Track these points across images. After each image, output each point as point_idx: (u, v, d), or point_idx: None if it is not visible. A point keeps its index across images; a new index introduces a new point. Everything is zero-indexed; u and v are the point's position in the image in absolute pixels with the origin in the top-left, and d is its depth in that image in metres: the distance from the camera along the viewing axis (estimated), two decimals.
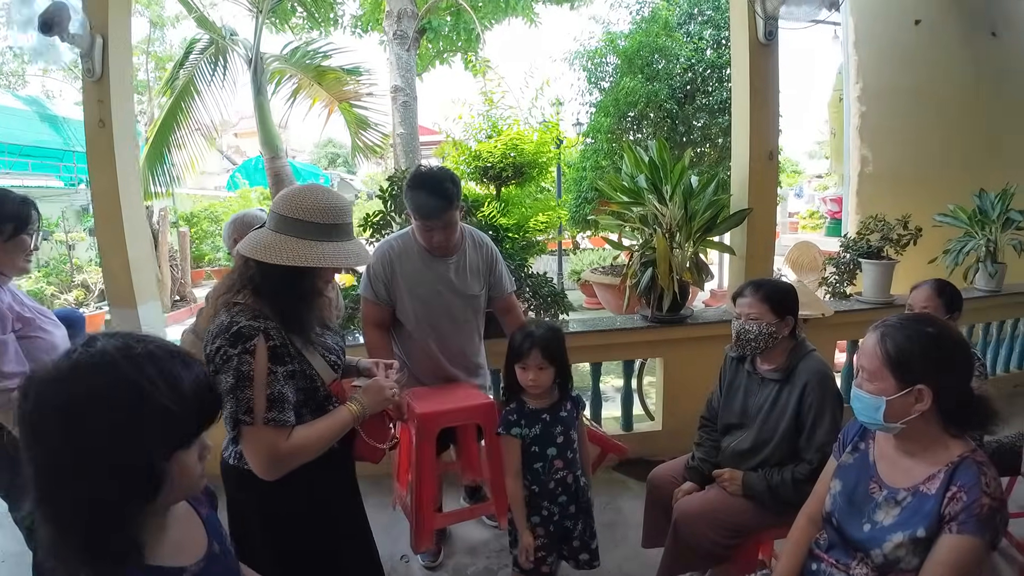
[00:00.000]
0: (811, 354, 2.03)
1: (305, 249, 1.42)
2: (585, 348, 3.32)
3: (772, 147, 3.31)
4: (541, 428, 1.97)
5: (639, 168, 3.24)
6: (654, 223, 3.30)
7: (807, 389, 1.94)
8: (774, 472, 1.99)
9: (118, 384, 0.78)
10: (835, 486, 1.51)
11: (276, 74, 6.47)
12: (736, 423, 2.16)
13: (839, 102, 6.73)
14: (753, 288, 2.06)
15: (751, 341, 2.02)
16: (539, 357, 1.90)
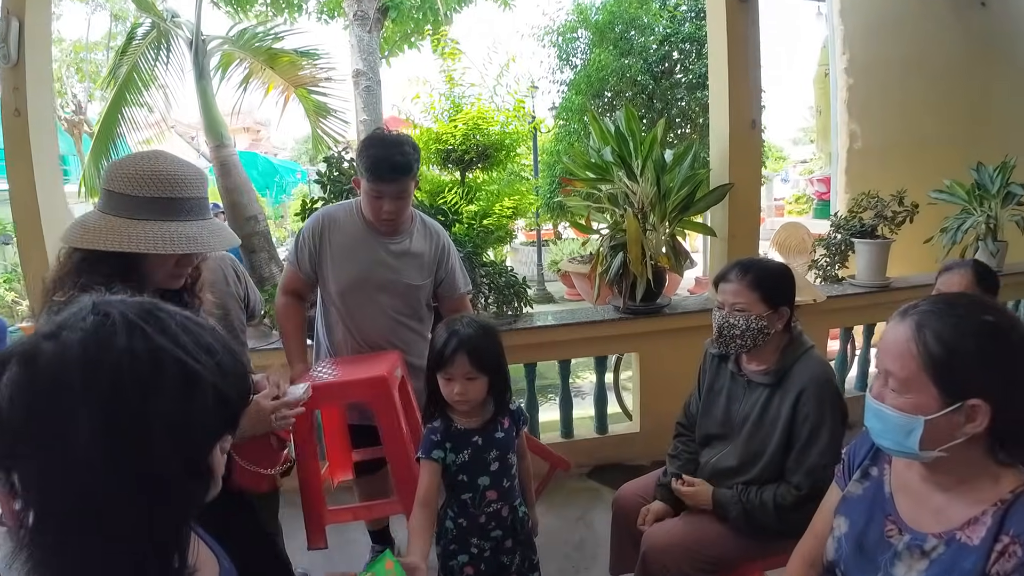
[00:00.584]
0: (809, 353, 1.68)
1: (123, 229, 1.13)
2: (551, 344, 2.97)
3: (754, 115, 2.97)
4: (471, 453, 1.57)
5: (605, 140, 2.88)
6: (624, 203, 2.94)
7: (803, 397, 1.59)
8: (751, 491, 1.65)
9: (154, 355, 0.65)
10: (840, 525, 1.16)
11: (225, 58, 6.04)
12: (717, 433, 1.81)
13: (824, 78, 6.43)
14: (740, 271, 1.68)
15: (736, 338, 1.66)
16: (467, 365, 1.49)
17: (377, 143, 1.95)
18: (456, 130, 4.51)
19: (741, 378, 1.77)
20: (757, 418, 1.68)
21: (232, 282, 2.04)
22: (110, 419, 0.61)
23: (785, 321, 1.67)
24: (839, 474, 1.25)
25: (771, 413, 1.66)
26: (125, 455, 0.62)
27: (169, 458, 0.65)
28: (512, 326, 2.86)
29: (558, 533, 2.61)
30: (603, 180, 2.90)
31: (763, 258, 1.86)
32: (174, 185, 1.17)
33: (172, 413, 0.65)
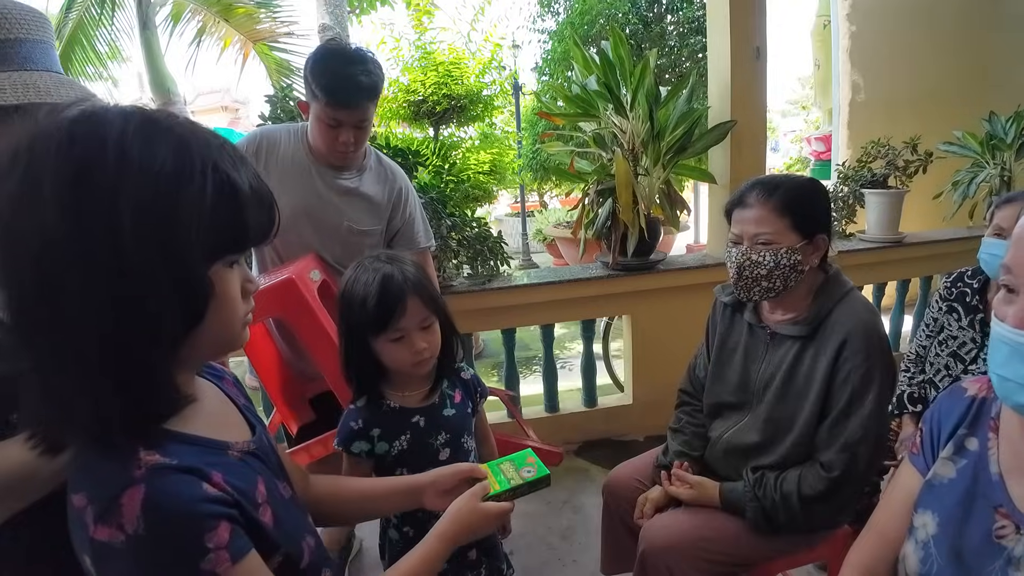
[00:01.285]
0: (850, 295, 1.33)
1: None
2: (532, 306, 2.62)
3: (759, 42, 2.60)
4: (412, 440, 1.19)
5: (589, 69, 2.50)
6: (613, 143, 2.57)
7: (844, 351, 1.25)
8: (769, 481, 1.31)
9: (145, 128, 0.56)
10: (925, 524, 0.83)
11: (176, 9, 5.54)
12: (731, 402, 1.46)
13: (823, 28, 6.04)
14: (763, 192, 1.30)
15: (761, 280, 1.30)
16: (422, 308, 1.12)
17: (335, 57, 1.58)
18: (426, 78, 4.12)
19: (762, 331, 1.41)
20: (784, 380, 1.33)
21: None
22: (78, 192, 0.52)
23: (821, 254, 1.32)
24: (915, 451, 0.91)
25: (802, 372, 1.31)
26: (90, 243, 0.52)
27: (145, 255, 0.54)
28: (486, 286, 2.50)
29: (542, 520, 2.28)
30: (587, 116, 2.52)
31: (788, 173, 1.43)
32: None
33: (157, 198, 0.55)
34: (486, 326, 2.81)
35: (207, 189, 0.57)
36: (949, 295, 1.92)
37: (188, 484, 0.59)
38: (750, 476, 1.34)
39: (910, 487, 0.89)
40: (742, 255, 1.32)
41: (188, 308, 0.59)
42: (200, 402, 0.69)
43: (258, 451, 0.73)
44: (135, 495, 0.56)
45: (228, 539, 0.59)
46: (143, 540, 0.55)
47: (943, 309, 1.93)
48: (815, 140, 6.05)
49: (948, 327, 1.92)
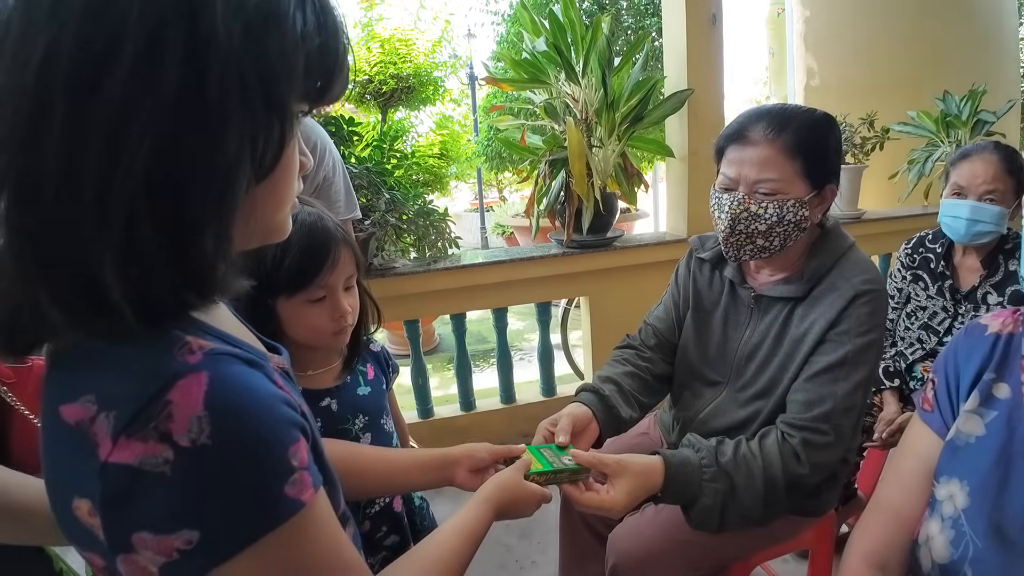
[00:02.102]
0: (852, 252, 1.12)
1: None
2: (482, 288, 2.43)
3: (714, 9, 2.48)
4: (324, 426, 1.00)
5: (537, 32, 2.33)
6: (565, 113, 2.41)
7: (848, 310, 1.04)
8: (739, 447, 1.02)
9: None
10: (953, 495, 0.67)
11: None
12: (708, 375, 1.24)
13: (777, 17, 6.07)
14: (771, 125, 1.04)
15: (758, 236, 1.06)
16: (351, 259, 0.94)
17: None
18: (370, 55, 3.90)
19: (746, 292, 1.19)
20: (771, 348, 1.12)
21: None
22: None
23: (826, 208, 1.11)
24: (927, 407, 0.76)
25: (789, 336, 1.10)
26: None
27: (235, 67, 0.40)
28: (431, 267, 2.31)
29: None
30: (536, 82, 2.35)
31: (798, 105, 1.17)
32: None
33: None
34: (433, 311, 2.62)
35: (311, 12, 0.44)
36: (912, 263, 1.82)
37: (262, 381, 0.44)
38: (704, 442, 1.04)
39: (925, 452, 0.74)
40: (739, 205, 1.06)
41: (260, 157, 0.44)
42: (220, 307, 0.54)
43: (289, 373, 0.59)
44: (193, 387, 0.39)
45: (307, 460, 0.44)
46: (208, 454, 0.38)
47: (907, 278, 1.83)
48: None
49: (915, 297, 1.81)
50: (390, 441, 1.09)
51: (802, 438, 1.02)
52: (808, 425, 1.02)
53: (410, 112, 4.53)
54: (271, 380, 0.46)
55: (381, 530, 1.06)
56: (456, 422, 2.52)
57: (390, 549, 1.07)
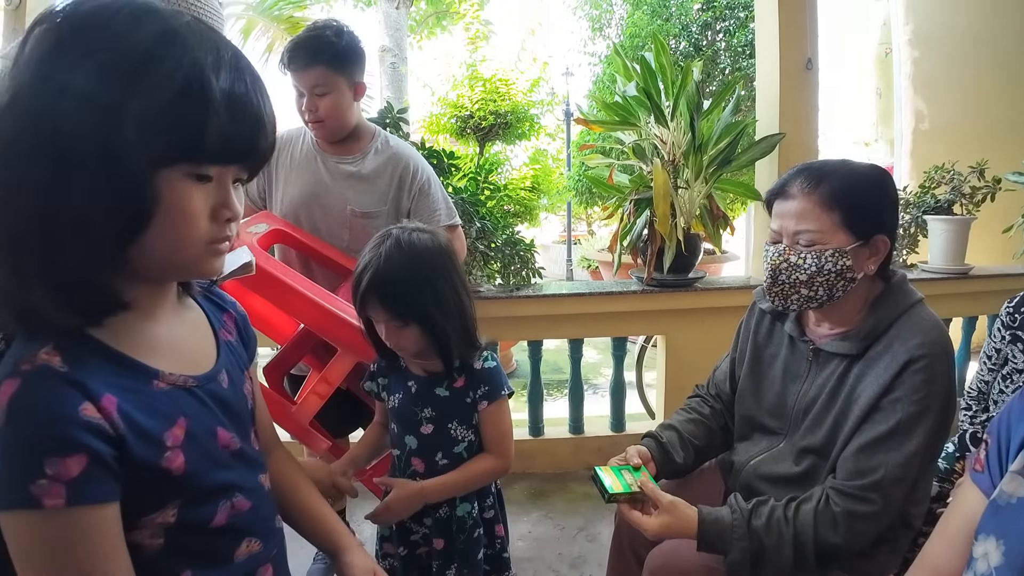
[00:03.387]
0: (916, 309, 1.10)
1: None
2: (561, 318, 2.52)
3: (810, 53, 2.48)
4: (401, 400, 1.21)
5: (629, 77, 2.43)
6: (653, 154, 2.49)
7: (904, 372, 1.03)
8: (778, 516, 1.05)
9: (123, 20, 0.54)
10: (988, 552, 0.68)
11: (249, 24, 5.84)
12: (766, 424, 1.26)
13: (885, 57, 5.84)
14: (808, 180, 1.09)
15: (800, 287, 1.09)
16: (383, 312, 1.10)
17: (304, 29, 1.69)
18: (473, 92, 4.16)
19: (804, 345, 1.20)
20: (825, 404, 1.13)
21: None
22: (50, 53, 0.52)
23: (881, 259, 1.10)
24: (978, 467, 0.76)
25: (844, 393, 1.10)
26: (36, 108, 0.52)
27: (81, 135, 0.51)
28: (514, 294, 2.43)
29: (553, 544, 2.13)
30: (625, 124, 2.44)
31: (843, 159, 1.16)
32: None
33: (115, 75, 0.52)
34: (512, 336, 2.73)
35: (173, 81, 0.53)
36: (1012, 322, 1.72)
37: (62, 400, 0.54)
38: (742, 504, 1.09)
39: (971, 511, 0.73)
40: (779, 256, 1.11)
41: (124, 211, 0.55)
42: (157, 323, 0.65)
43: (199, 388, 0.67)
44: (8, 388, 0.54)
45: (75, 476, 0.54)
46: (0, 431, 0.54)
47: (1006, 338, 1.73)
48: None
49: (1013, 359, 1.71)
50: (451, 447, 1.19)
51: (846, 508, 1.02)
52: (855, 494, 1.03)
53: (506, 146, 4.77)
54: (95, 397, 0.56)
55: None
56: (522, 446, 2.60)
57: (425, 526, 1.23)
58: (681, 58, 4.42)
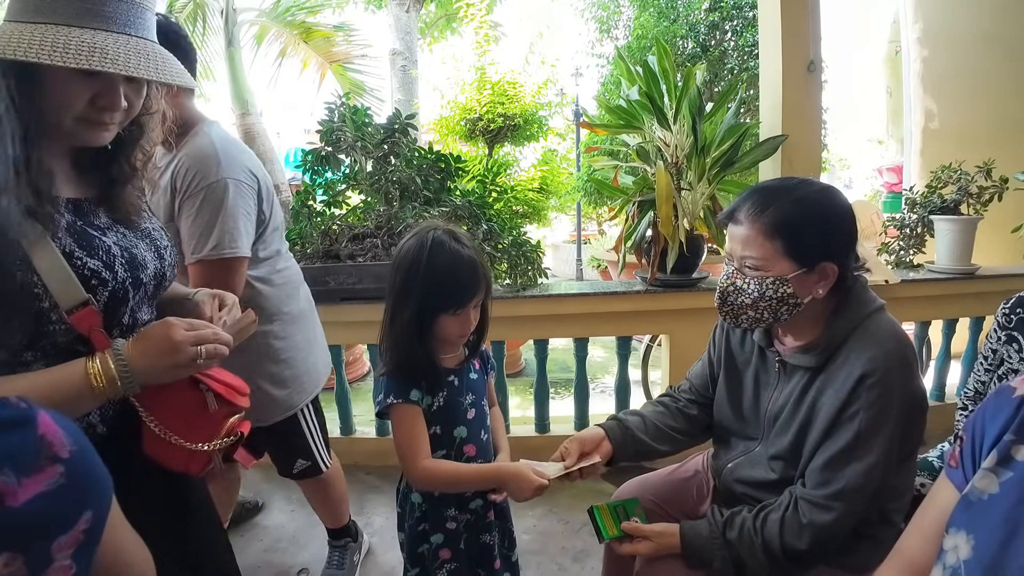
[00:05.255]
0: (874, 319, 1.11)
1: (18, 34, 0.76)
2: (566, 318, 2.57)
3: (812, 55, 2.51)
4: (447, 396, 1.25)
5: (632, 81, 2.48)
6: (656, 157, 2.53)
7: (860, 387, 1.05)
8: (747, 525, 1.12)
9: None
10: (957, 545, 0.71)
11: (261, 30, 5.94)
12: (740, 430, 1.31)
13: (895, 55, 5.81)
14: (754, 207, 1.10)
15: (746, 309, 1.13)
16: (483, 293, 1.22)
17: None
18: (481, 95, 4.22)
19: (772, 355, 1.23)
20: (790, 413, 1.16)
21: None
22: None
23: (830, 284, 1.11)
24: (953, 463, 0.80)
25: (807, 404, 1.13)
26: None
27: None
28: (520, 294, 2.48)
29: (557, 539, 2.19)
30: (629, 127, 2.49)
31: (797, 181, 1.16)
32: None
33: None
34: (519, 335, 2.78)
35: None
36: (1008, 323, 1.74)
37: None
38: (718, 517, 1.16)
39: (945, 505, 0.77)
40: (727, 279, 1.15)
41: None
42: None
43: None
44: None
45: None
46: None
47: (1001, 339, 1.75)
48: (887, 171, 5.77)
49: (1008, 359, 1.73)
50: (485, 421, 1.33)
51: (811, 518, 1.07)
52: (820, 503, 1.07)
53: (515, 148, 4.83)
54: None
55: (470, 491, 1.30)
56: (529, 442, 2.65)
57: (473, 512, 1.30)
58: (688, 59, 4.44)
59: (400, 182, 2.46)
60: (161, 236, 1.01)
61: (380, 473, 2.70)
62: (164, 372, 0.85)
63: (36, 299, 0.79)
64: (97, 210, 0.92)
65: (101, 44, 0.76)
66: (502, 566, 1.36)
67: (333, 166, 2.64)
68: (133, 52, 0.79)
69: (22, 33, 0.75)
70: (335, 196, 2.64)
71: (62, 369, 0.80)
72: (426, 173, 2.49)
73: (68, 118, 0.82)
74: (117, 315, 0.89)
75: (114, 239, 0.90)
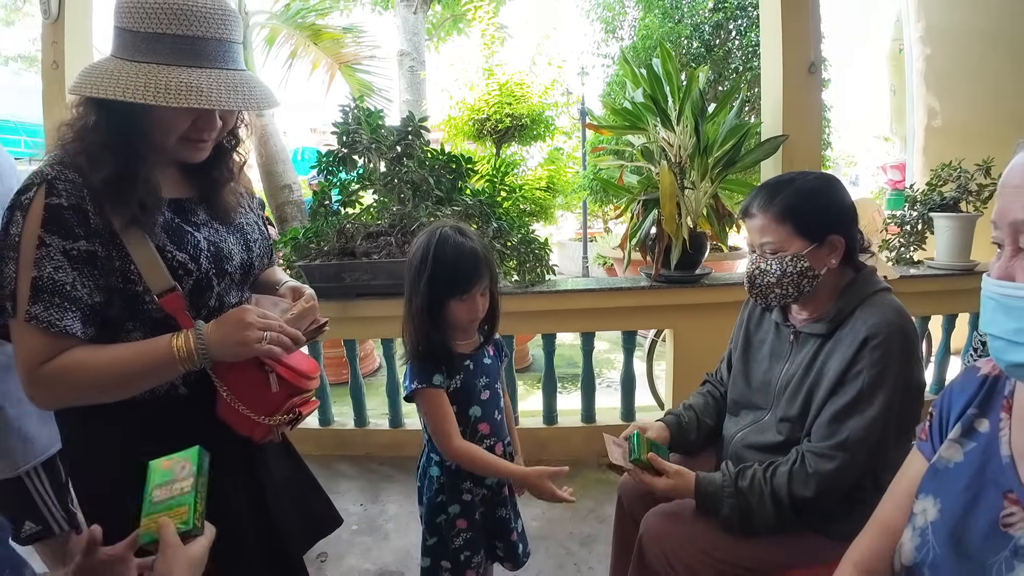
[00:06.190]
0: (879, 295, 1.27)
1: (113, 72, 0.89)
2: (574, 313, 2.66)
3: (813, 57, 2.58)
4: (463, 379, 1.39)
5: (637, 83, 2.56)
6: (660, 157, 2.61)
7: (864, 349, 1.18)
8: (757, 476, 1.25)
9: None
10: (925, 510, 0.80)
11: (272, 33, 6.04)
12: (753, 400, 1.44)
13: (899, 53, 5.85)
14: (764, 200, 1.28)
15: (773, 287, 1.28)
16: (487, 280, 1.34)
17: None
18: (490, 96, 4.31)
19: (787, 329, 1.38)
20: (800, 378, 1.30)
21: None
22: None
23: (840, 254, 1.27)
24: (923, 436, 0.88)
25: (816, 369, 1.27)
26: None
27: None
28: (529, 290, 2.57)
29: (564, 524, 2.28)
30: (634, 129, 2.57)
31: (801, 173, 1.35)
32: (186, 20, 0.89)
33: None
34: (527, 330, 2.87)
35: None
36: None
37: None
38: (731, 469, 1.29)
39: (916, 474, 0.85)
40: (752, 265, 1.33)
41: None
42: None
43: None
44: None
45: None
46: None
47: None
48: (890, 168, 5.81)
49: None
50: (499, 403, 1.45)
51: (817, 467, 1.20)
52: (825, 453, 1.20)
53: (522, 147, 4.91)
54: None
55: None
56: (538, 434, 2.74)
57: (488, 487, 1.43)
58: (692, 59, 4.51)
59: (413, 182, 2.55)
60: (252, 230, 1.15)
61: (394, 464, 2.79)
62: (232, 350, 0.97)
63: (133, 283, 0.94)
64: (197, 208, 1.06)
65: (197, 82, 0.88)
66: (517, 538, 1.48)
67: (348, 167, 2.74)
68: (225, 86, 0.91)
69: (129, 73, 0.88)
70: (349, 196, 2.74)
71: (152, 341, 0.95)
72: (438, 174, 2.58)
73: (172, 140, 0.96)
74: (203, 299, 1.03)
75: (206, 234, 1.04)
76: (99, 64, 0.93)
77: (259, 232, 1.17)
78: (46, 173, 0.90)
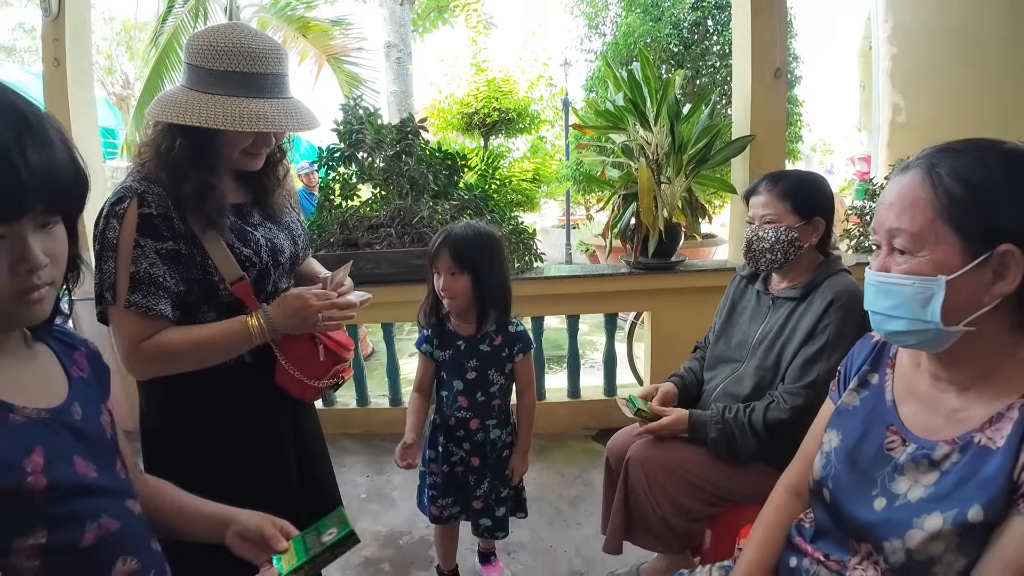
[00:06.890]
0: (842, 273, 1.58)
1: (195, 104, 1.09)
2: (559, 297, 2.89)
3: (779, 63, 2.82)
4: (452, 354, 1.66)
5: (618, 87, 2.78)
6: (639, 154, 2.84)
7: (830, 309, 1.50)
8: (737, 409, 1.56)
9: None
10: (830, 440, 1.04)
11: (262, 25, 6.13)
12: (730, 356, 1.72)
13: (868, 51, 6.13)
14: (770, 181, 1.61)
15: (766, 252, 1.58)
16: (448, 259, 1.55)
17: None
18: (478, 91, 4.49)
19: (767, 296, 1.68)
20: (775, 335, 1.60)
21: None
22: None
23: (820, 234, 1.58)
24: (833, 388, 1.13)
25: (790, 326, 1.57)
26: None
27: None
28: (518, 276, 2.80)
29: (554, 488, 2.54)
30: (615, 129, 2.79)
31: (793, 168, 1.74)
32: (250, 59, 1.09)
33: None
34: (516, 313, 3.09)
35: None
36: None
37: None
38: (718, 406, 1.58)
39: (827, 416, 1.10)
40: (752, 232, 1.62)
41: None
42: (6, 364, 0.70)
43: (52, 420, 0.71)
44: None
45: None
46: None
47: None
48: (858, 160, 6.11)
49: None
50: (488, 388, 1.66)
51: (791, 401, 1.50)
52: (796, 391, 1.50)
53: (507, 139, 5.11)
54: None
55: (459, 431, 1.69)
56: None
57: (461, 451, 1.69)
58: (671, 57, 4.73)
59: (412, 178, 2.76)
60: (297, 227, 1.37)
61: (395, 439, 2.94)
62: (294, 326, 1.19)
63: (210, 275, 1.16)
64: (252, 211, 1.28)
65: (261, 111, 1.10)
66: (482, 508, 1.73)
67: (348, 163, 2.93)
68: (281, 112, 1.13)
69: (206, 103, 1.09)
70: (350, 191, 2.93)
71: (231, 322, 1.17)
72: (435, 170, 2.79)
73: (236, 154, 1.17)
74: (264, 285, 1.24)
75: (262, 233, 1.25)
76: (173, 94, 1.14)
77: (301, 228, 1.39)
78: (135, 188, 1.10)
